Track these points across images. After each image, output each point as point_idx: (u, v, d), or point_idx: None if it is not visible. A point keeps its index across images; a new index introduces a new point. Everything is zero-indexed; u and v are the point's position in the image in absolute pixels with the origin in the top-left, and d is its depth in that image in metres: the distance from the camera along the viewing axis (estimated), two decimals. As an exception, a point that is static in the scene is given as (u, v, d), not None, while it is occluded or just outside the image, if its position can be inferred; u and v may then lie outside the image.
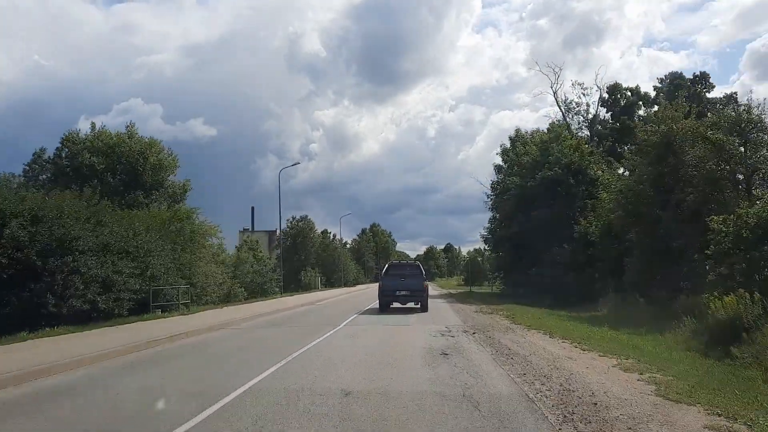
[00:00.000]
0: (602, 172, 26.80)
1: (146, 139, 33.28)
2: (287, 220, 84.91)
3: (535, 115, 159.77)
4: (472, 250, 71.49)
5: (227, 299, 28.92)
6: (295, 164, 38.62)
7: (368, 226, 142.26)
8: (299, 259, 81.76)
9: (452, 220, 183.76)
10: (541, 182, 27.57)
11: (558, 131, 30.90)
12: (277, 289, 47.17)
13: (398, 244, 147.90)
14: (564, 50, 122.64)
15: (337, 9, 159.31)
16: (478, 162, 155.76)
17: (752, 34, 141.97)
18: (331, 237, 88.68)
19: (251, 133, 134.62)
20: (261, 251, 78.89)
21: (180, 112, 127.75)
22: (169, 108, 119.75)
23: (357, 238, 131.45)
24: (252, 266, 35.23)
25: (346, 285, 76.92)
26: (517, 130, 37.73)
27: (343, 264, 78.58)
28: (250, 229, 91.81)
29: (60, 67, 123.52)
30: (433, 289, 54.43)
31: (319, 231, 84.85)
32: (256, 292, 35.03)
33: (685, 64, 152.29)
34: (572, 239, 25.11)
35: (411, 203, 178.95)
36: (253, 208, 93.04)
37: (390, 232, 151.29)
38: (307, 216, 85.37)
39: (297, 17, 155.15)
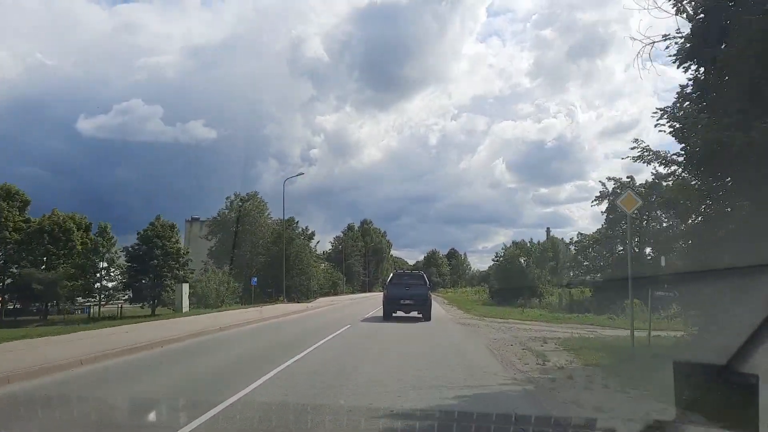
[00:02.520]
0: None
1: None
2: (227, 199, 57.51)
3: (537, 126, 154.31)
4: (508, 244, 43.37)
5: None
6: None
7: (359, 223, 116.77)
8: (241, 256, 54.40)
9: (451, 229, 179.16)
10: None
11: None
12: None
13: (397, 252, 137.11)
14: (568, 61, 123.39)
15: (341, 14, 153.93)
16: (479, 171, 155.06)
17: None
18: (301, 227, 61.05)
19: (252, 137, 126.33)
20: (176, 240, 52.33)
21: (180, 114, 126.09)
22: (169, 109, 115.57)
23: (341, 235, 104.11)
24: None
25: (297, 299, 49.40)
26: None
27: (301, 263, 50.92)
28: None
29: (62, 65, 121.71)
30: (448, 315, 27.42)
31: (276, 218, 57.29)
32: None
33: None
34: None
35: (411, 211, 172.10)
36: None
37: (384, 232, 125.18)
38: (257, 193, 58.04)
39: (300, 21, 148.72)
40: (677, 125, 9.99)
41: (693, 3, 10.90)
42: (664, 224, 33.17)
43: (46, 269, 46.38)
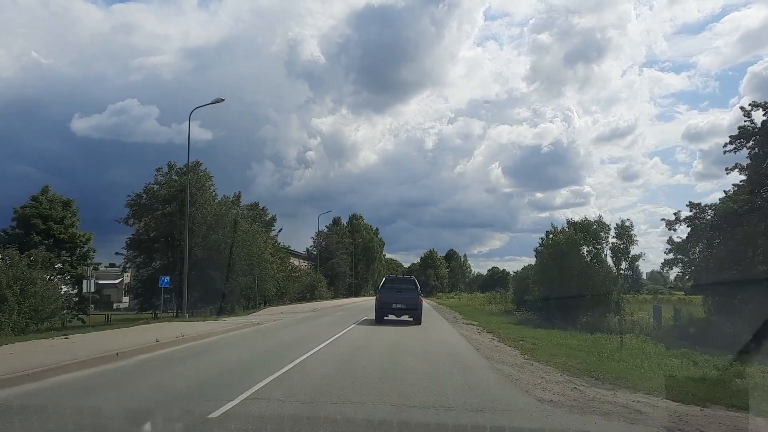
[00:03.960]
0: None
1: None
2: (156, 170, 42.05)
3: (534, 130, 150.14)
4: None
5: None
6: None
7: (347, 218, 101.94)
8: (169, 245, 39.22)
9: (447, 233, 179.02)
10: None
11: None
12: None
13: (392, 255, 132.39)
14: (565, 66, 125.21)
15: (338, 16, 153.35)
16: (475, 175, 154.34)
17: (754, 57, 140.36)
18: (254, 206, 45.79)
19: (247, 139, 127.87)
20: (72, 224, 38.39)
21: (176, 115, 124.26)
22: (165, 110, 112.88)
23: (325, 229, 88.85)
24: None
25: (231, 310, 34.32)
26: None
27: (250, 258, 35.80)
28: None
29: (58, 65, 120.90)
30: (495, 368, 12.26)
31: (223, 195, 42.14)
32: None
33: (685, 85, 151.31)
34: None
35: (407, 215, 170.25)
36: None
37: (377, 229, 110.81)
38: (200, 164, 42.52)
39: (297, 23, 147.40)
40: None
41: None
42: None
43: None
